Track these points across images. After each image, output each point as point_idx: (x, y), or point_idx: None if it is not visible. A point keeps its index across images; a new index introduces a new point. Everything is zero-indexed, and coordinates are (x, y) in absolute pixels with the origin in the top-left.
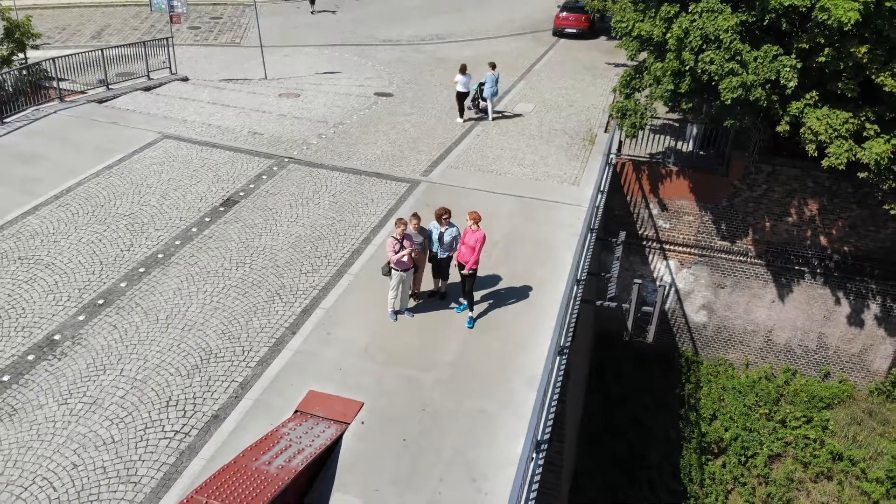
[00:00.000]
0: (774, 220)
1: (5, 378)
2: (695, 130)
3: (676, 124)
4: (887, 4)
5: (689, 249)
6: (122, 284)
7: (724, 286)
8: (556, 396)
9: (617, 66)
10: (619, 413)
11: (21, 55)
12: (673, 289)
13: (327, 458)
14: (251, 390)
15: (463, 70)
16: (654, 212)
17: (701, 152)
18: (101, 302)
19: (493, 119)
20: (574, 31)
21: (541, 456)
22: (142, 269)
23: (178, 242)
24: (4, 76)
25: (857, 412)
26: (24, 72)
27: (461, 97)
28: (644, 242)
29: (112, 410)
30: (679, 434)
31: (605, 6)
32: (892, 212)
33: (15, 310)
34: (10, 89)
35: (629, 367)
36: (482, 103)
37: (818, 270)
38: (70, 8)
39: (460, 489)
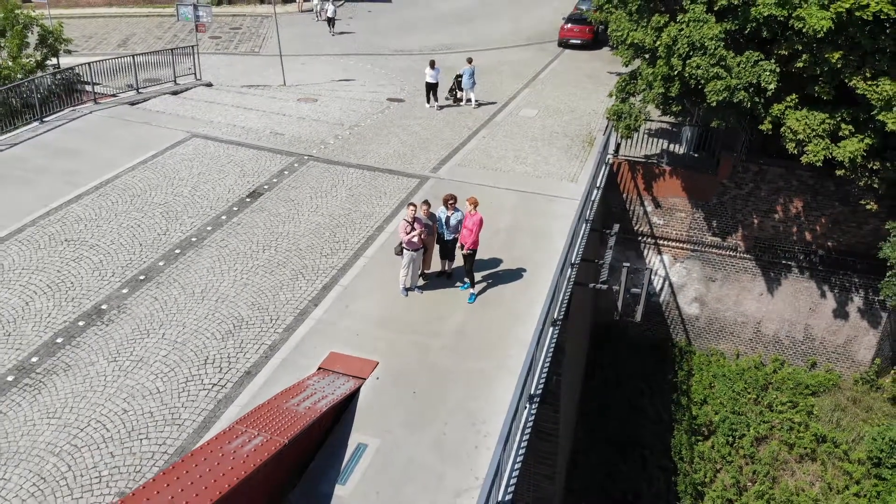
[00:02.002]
0: (762, 217)
1: (59, 340)
2: (689, 133)
3: (672, 128)
4: (857, 14)
5: (681, 245)
6: (161, 263)
7: (715, 280)
8: (548, 358)
9: (618, 75)
10: (614, 397)
11: (53, 60)
12: (667, 281)
13: (347, 405)
14: (279, 351)
15: (432, 65)
16: (649, 209)
17: (694, 154)
18: (142, 278)
19: (475, 106)
20: (578, 42)
21: (533, 406)
22: (177, 251)
23: (209, 228)
24: (40, 79)
25: (841, 399)
26: (58, 75)
27: (430, 87)
28: (639, 238)
29: (156, 367)
30: (671, 417)
31: (607, 18)
32: (869, 207)
33: (65, 283)
34: (45, 92)
35: (625, 356)
36: (459, 93)
37: (804, 265)
38: (95, 18)
39: (462, 431)
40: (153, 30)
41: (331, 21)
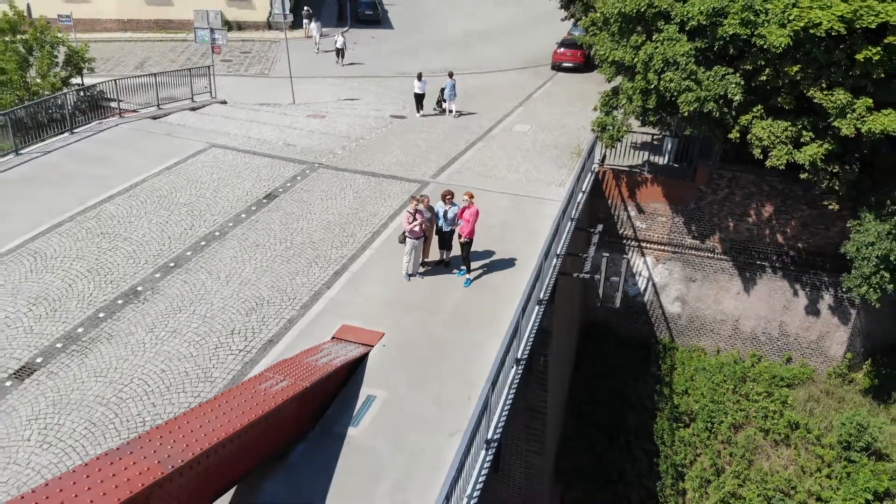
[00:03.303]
0: (736, 220)
1: (101, 315)
2: (670, 145)
3: (654, 140)
4: (811, 31)
5: (663, 247)
6: (188, 253)
7: (695, 280)
8: (534, 330)
9: None
10: (602, 388)
11: (77, 79)
12: (650, 282)
13: (357, 366)
14: (297, 324)
15: (419, 77)
16: (632, 214)
17: (675, 165)
18: (172, 265)
19: (455, 116)
20: (570, 65)
21: (519, 369)
22: (203, 243)
23: (230, 224)
24: (67, 95)
25: (815, 391)
26: (83, 92)
27: (418, 97)
28: (624, 241)
29: (189, 337)
30: (654, 405)
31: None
32: (831, 207)
33: (104, 269)
34: (71, 108)
35: (612, 352)
36: (444, 104)
37: (777, 265)
38: (111, 42)
39: (457, 387)
40: (167, 53)
41: (340, 52)
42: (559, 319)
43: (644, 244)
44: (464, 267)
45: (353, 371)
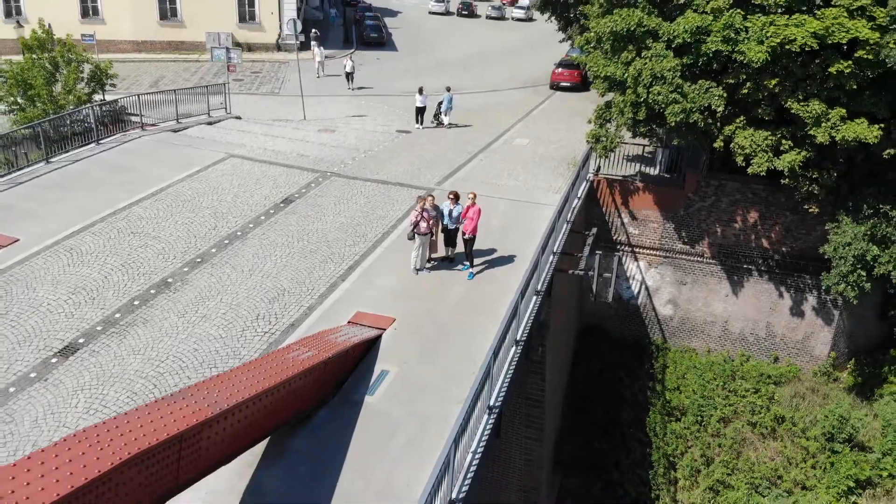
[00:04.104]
0: (724, 226)
1: (136, 302)
2: (661, 156)
3: (645, 153)
4: (787, 47)
5: (655, 252)
6: (213, 250)
7: (686, 283)
8: (532, 315)
9: None
10: (597, 384)
11: (99, 94)
12: (643, 285)
13: (371, 346)
14: (316, 311)
15: (420, 91)
16: (626, 220)
17: (666, 175)
18: (198, 260)
19: (448, 127)
20: (568, 84)
21: (518, 350)
22: (226, 241)
23: (251, 225)
24: (97, 108)
25: (801, 389)
26: (105, 107)
27: (419, 110)
28: (618, 246)
29: (218, 321)
30: (647, 400)
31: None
32: (811, 211)
33: (136, 264)
34: (96, 121)
35: (607, 352)
36: (441, 117)
37: (762, 268)
38: (126, 63)
39: (462, 363)
40: (181, 73)
41: (349, 76)
42: (556, 316)
43: (637, 249)
44: (467, 262)
45: (368, 350)
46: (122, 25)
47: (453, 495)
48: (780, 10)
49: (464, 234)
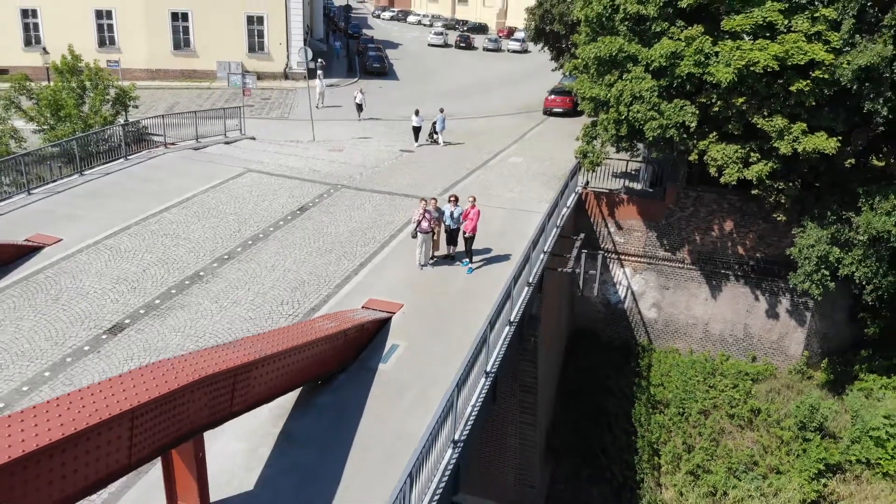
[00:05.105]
0: (702, 234)
1: (173, 291)
2: (645, 172)
3: (629, 169)
4: (751, 69)
5: (639, 259)
6: (238, 249)
7: (669, 288)
8: (526, 299)
9: None
10: (587, 380)
11: (123, 116)
12: (629, 290)
13: (382, 326)
14: (333, 298)
15: (416, 113)
16: (612, 230)
17: (650, 189)
18: (226, 257)
19: (442, 145)
20: (560, 110)
21: (511, 329)
22: (250, 242)
23: (271, 229)
24: (121, 128)
25: (776, 385)
26: (131, 126)
27: (415, 130)
28: (606, 254)
29: (247, 306)
30: (633, 394)
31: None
32: (780, 219)
33: (170, 260)
34: (124, 139)
35: (596, 352)
36: (435, 136)
37: (739, 273)
38: (141, 90)
39: (464, 338)
40: (194, 99)
41: (359, 107)
42: (547, 313)
43: (622, 256)
44: (467, 259)
45: (380, 328)
46: (137, 55)
47: (456, 436)
48: (746, 37)
49: (464, 233)
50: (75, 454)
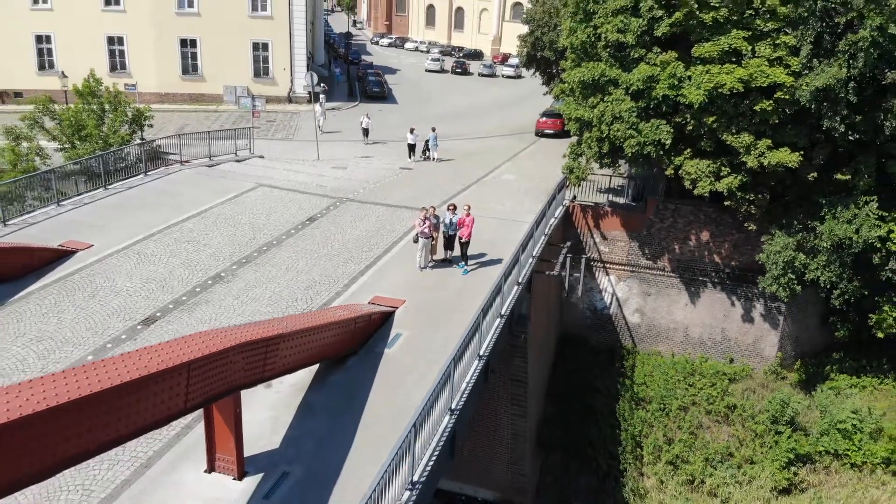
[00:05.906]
0: (681, 244)
1: (197, 289)
2: (628, 187)
3: (613, 185)
4: (720, 91)
5: (623, 267)
6: (255, 254)
7: (651, 294)
8: (515, 297)
9: None
10: (575, 379)
11: (138, 135)
12: (614, 297)
13: (387, 319)
14: (342, 295)
15: (411, 131)
16: (597, 240)
17: (633, 203)
18: (244, 261)
19: (436, 161)
20: (551, 132)
21: (502, 322)
22: (265, 248)
23: (283, 237)
24: (141, 146)
25: (752, 384)
26: (147, 145)
27: (410, 147)
28: (592, 263)
29: (265, 302)
30: (617, 392)
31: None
32: (751, 228)
33: (193, 263)
34: (143, 157)
35: (584, 356)
36: (428, 153)
37: (715, 280)
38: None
39: (459, 331)
40: (202, 121)
41: (366, 132)
42: (536, 315)
43: (607, 265)
44: (463, 262)
45: (385, 320)
46: (147, 79)
47: (452, 405)
48: (715, 62)
49: (460, 238)
50: (147, 393)
